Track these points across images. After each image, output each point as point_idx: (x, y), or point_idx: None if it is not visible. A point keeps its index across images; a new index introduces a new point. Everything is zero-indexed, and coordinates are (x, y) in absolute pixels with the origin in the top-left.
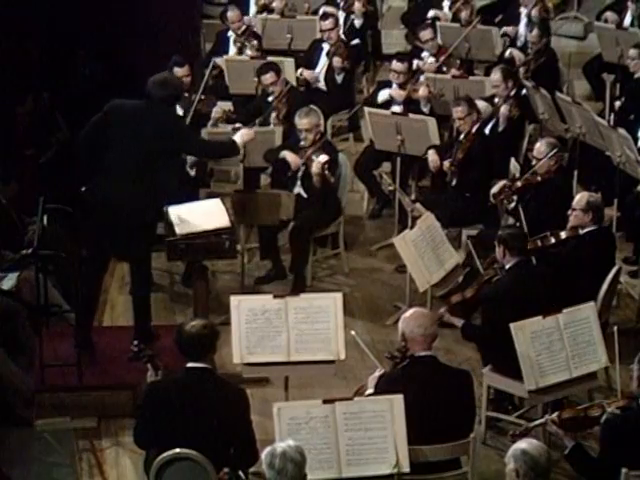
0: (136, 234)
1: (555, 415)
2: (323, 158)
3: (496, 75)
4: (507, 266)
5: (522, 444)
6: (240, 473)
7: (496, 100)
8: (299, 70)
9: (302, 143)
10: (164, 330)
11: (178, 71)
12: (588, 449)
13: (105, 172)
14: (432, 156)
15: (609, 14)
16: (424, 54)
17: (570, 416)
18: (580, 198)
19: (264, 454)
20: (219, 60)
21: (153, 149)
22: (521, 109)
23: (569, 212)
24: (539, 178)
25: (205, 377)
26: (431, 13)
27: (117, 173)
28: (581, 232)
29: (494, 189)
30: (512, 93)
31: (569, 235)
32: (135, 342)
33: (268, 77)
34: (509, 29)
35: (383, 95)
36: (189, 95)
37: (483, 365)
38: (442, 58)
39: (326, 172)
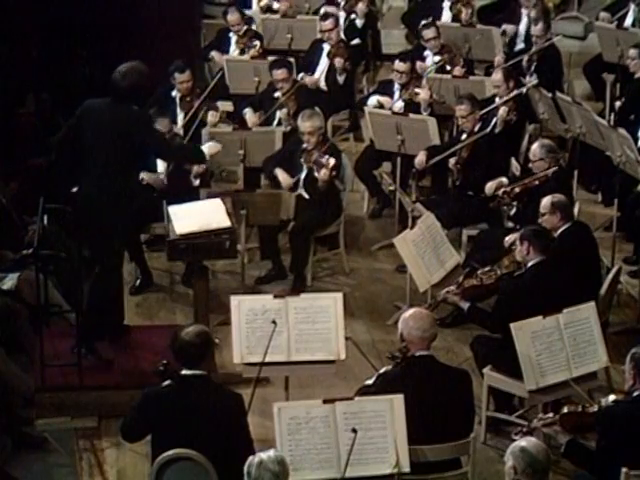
0: (108, 238)
1: (555, 415)
2: (331, 162)
3: (497, 75)
4: (530, 264)
5: (521, 442)
6: None
7: (497, 100)
8: (300, 75)
9: (304, 146)
10: (164, 331)
11: (179, 77)
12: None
13: (85, 174)
14: (420, 155)
15: (603, 14)
16: (426, 53)
17: (569, 412)
18: (544, 203)
19: (246, 463)
20: (216, 55)
21: (119, 147)
22: (520, 113)
23: (539, 220)
24: (537, 182)
25: (200, 384)
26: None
27: (94, 174)
28: (556, 234)
29: (489, 186)
30: (513, 94)
31: None
32: (164, 361)
33: (280, 73)
34: (509, 27)
35: (372, 101)
36: (191, 100)
37: (476, 366)
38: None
39: (335, 180)
